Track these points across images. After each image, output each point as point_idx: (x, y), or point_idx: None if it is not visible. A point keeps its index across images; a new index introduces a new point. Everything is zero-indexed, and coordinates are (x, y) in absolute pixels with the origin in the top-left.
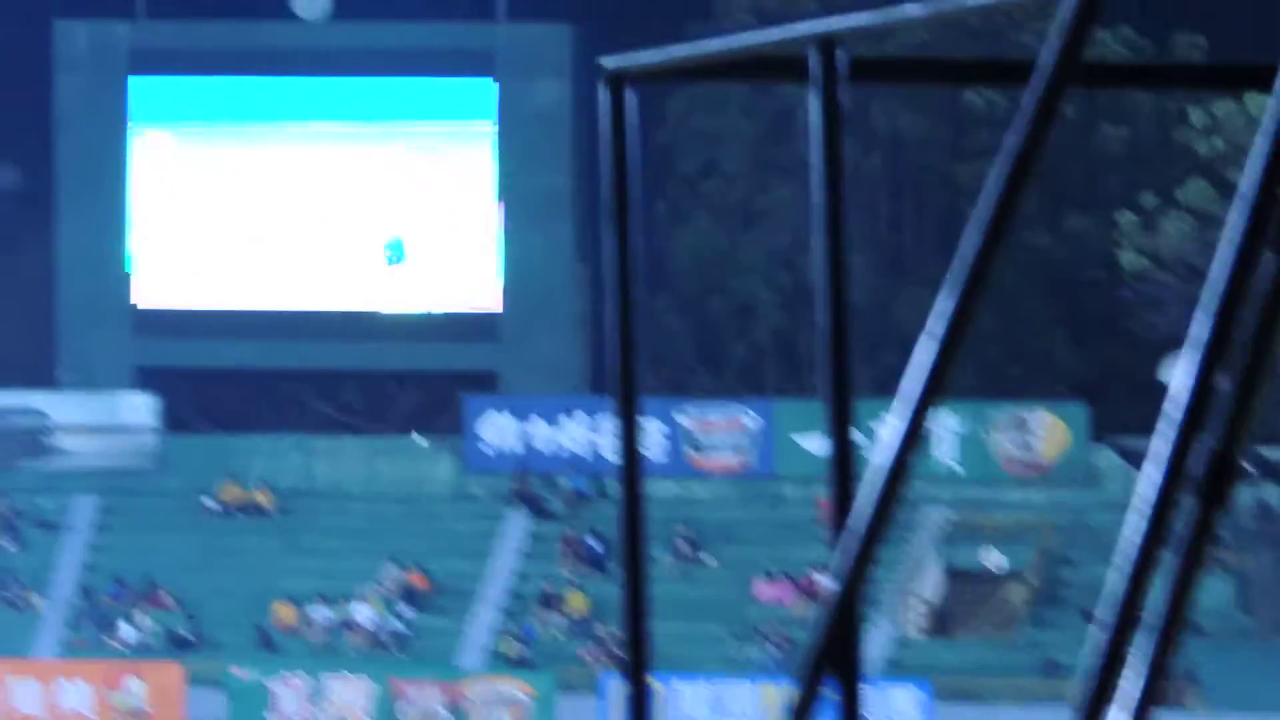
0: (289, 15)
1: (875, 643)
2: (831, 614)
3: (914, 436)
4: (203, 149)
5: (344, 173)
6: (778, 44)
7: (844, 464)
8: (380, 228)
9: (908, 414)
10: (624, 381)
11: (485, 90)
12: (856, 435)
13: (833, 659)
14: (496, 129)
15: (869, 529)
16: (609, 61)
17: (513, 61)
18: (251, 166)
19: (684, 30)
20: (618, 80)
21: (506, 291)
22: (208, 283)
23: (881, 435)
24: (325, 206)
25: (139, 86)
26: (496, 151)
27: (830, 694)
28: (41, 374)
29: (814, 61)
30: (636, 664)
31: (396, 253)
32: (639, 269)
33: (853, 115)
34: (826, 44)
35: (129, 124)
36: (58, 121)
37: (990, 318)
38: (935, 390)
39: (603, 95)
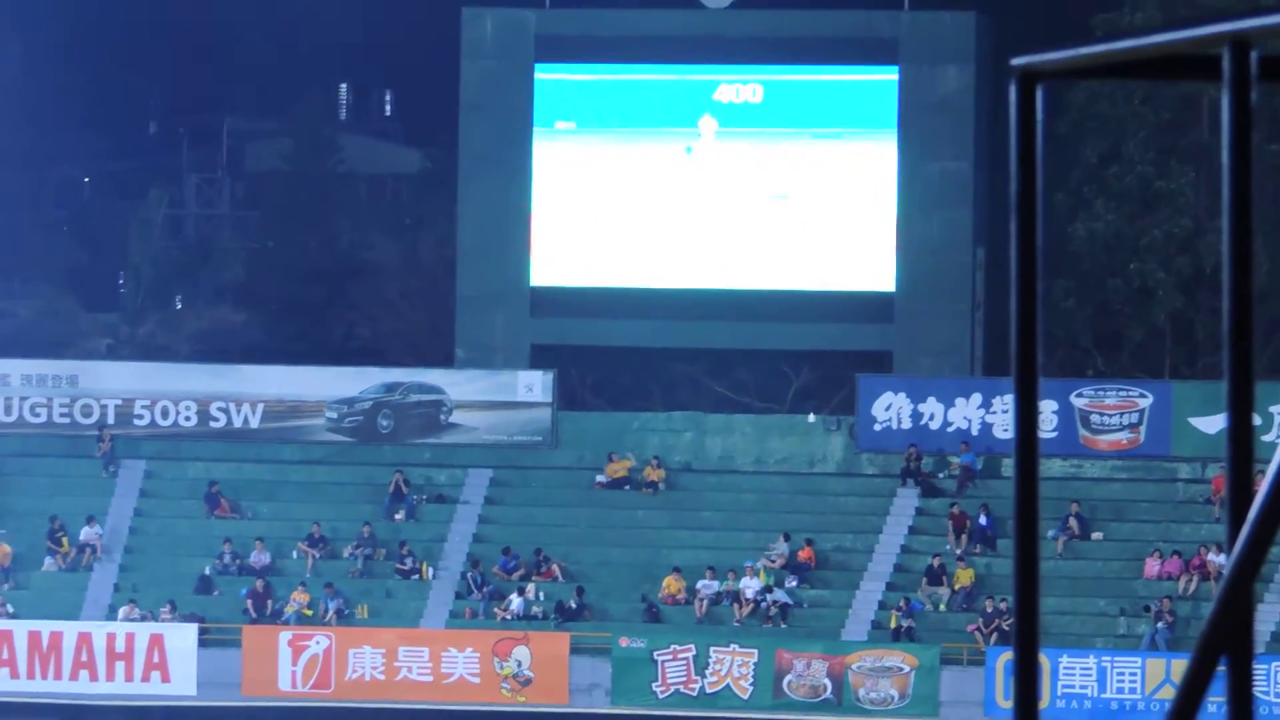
0: (693, 3)
1: (1263, 620)
2: (1228, 592)
3: None
4: (604, 133)
5: (744, 153)
6: (1189, 42)
7: (1243, 443)
8: (779, 207)
9: None
10: (1023, 363)
11: (887, 76)
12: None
13: (1228, 636)
14: (898, 114)
15: (1270, 508)
16: (1020, 59)
17: (916, 48)
18: (650, 149)
19: (1089, 20)
20: (1028, 78)
21: (901, 273)
22: (604, 262)
23: None
24: (723, 187)
25: (544, 73)
26: (897, 135)
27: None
28: (440, 352)
29: (1227, 62)
30: (1026, 636)
31: None
32: (1040, 260)
33: (1260, 106)
34: (1240, 44)
35: (533, 110)
36: (463, 107)
37: None
38: None
39: (1013, 93)
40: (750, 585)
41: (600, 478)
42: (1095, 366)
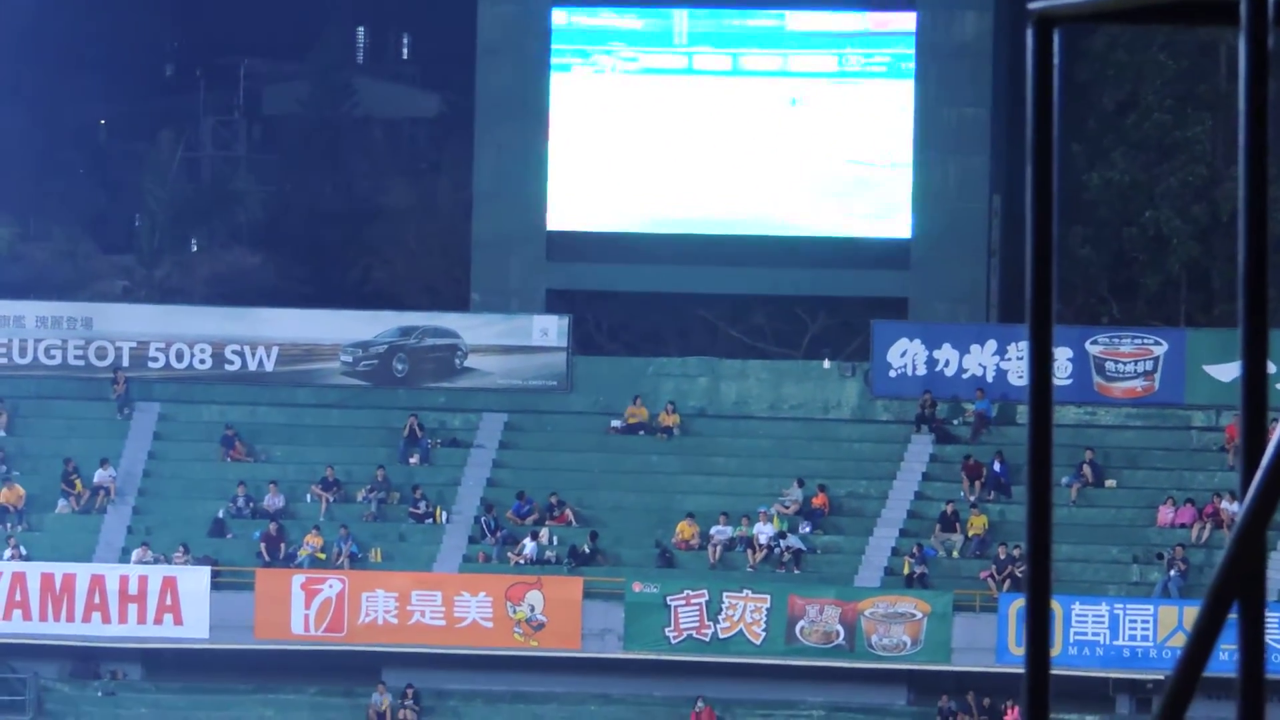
0: None
1: (1276, 567)
2: (1240, 538)
3: None
4: (622, 76)
5: (760, 98)
6: None
7: (1256, 391)
8: (795, 151)
9: None
10: (1038, 310)
11: (905, 21)
12: (1269, 365)
13: (1240, 583)
14: (915, 59)
15: None
16: (1036, 4)
17: None
18: (668, 93)
19: None
20: (1045, 22)
21: (918, 219)
22: (621, 206)
23: None
24: (739, 131)
25: (562, 15)
26: (915, 80)
27: (1235, 618)
28: (456, 296)
29: (1244, 6)
30: (1038, 583)
31: None
32: (1055, 206)
33: (1277, 51)
34: None
35: (551, 52)
36: (480, 51)
37: None
38: None
39: (1029, 37)
40: (764, 531)
41: (615, 422)
42: (1111, 314)
